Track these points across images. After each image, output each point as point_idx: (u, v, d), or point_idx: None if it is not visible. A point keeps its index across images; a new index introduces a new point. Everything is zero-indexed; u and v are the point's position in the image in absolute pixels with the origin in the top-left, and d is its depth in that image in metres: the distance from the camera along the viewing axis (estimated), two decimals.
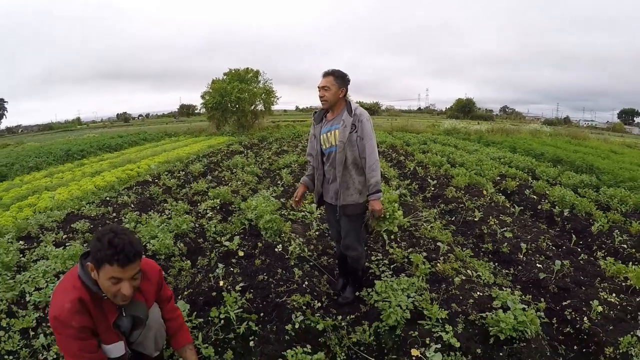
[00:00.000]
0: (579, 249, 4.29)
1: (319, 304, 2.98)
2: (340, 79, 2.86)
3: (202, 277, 3.24)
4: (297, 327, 2.55)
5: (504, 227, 4.61)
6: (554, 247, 4.22)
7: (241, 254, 3.61)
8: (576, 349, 2.70)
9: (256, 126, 23.72)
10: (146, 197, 6.50)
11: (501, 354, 2.35)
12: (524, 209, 5.81)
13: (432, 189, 6.85)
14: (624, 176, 7.91)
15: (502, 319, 2.44)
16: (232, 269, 3.28)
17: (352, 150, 2.85)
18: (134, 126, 37.69)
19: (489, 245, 4.32)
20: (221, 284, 3.03)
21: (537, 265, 3.72)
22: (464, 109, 49.36)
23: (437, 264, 3.41)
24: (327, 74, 2.87)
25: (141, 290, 1.90)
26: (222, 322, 2.58)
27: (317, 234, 4.58)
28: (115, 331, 1.82)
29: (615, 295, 3.12)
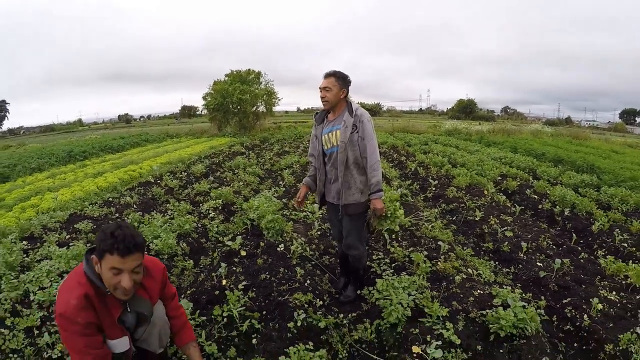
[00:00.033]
0: (580, 248, 4.30)
1: (321, 303, 3.01)
2: (341, 80, 2.89)
3: (204, 277, 3.27)
4: (299, 324, 2.58)
5: (505, 227, 4.63)
6: (554, 246, 4.23)
7: (243, 254, 3.64)
8: (576, 346, 2.72)
9: (258, 127, 23.80)
10: (148, 198, 6.53)
11: (501, 351, 2.38)
12: (524, 208, 5.83)
13: (433, 189, 6.87)
14: (625, 176, 7.93)
15: (502, 316, 2.46)
16: (234, 268, 3.31)
17: (354, 150, 2.88)
18: (136, 127, 37.72)
19: (489, 244, 4.34)
20: (224, 282, 3.05)
21: (538, 263, 3.73)
22: (466, 109, 49.31)
23: (437, 262, 3.43)
24: (328, 75, 2.89)
25: (145, 287, 1.93)
26: (225, 320, 2.61)
27: (318, 233, 4.60)
28: (119, 326, 1.85)
29: (615, 293, 3.12)
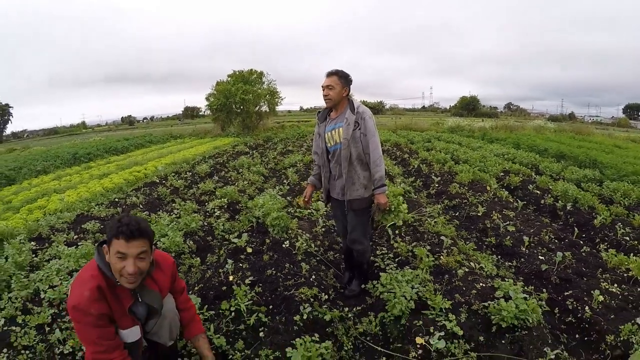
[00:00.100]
0: (582, 242, 4.33)
1: (326, 297, 3.07)
2: (343, 78, 2.95)
3: (212, 273, 3.33)
4: (305, 318, 2.64)
5: (507, 221, 4.66)
6: (556, 240, 4.26)
7: (249, 250, 3.70)
8: (578, 337, 2.76)
9: (261, 127, 23.83)
10: (154, 198, 6.60)
11: (503, 342, 2.43)
12: (527, 203, 5.85)
13: (436, 185, 6.91)
14: (628, 170, 7.92)
15: (504, 308, 2.51)
16: (241, 265, 3.37)
17: (356, 146, 2.94)
18: (139, 129, 37.87)
19: (492, 238, 4.38)
20: (231, 278, 3.11)
21: (540, 257, 3.76)
22: (468, 106, 49.21)
23: (440, 257, 3.48)
24: (331, 73, 2.96)
25: (155, 280, 1.99)
26: (232, 315, 2.67)
27: (323, 230, 4.66)
28: (130, 316, 1.91)
29: (616, 285, 3.15)
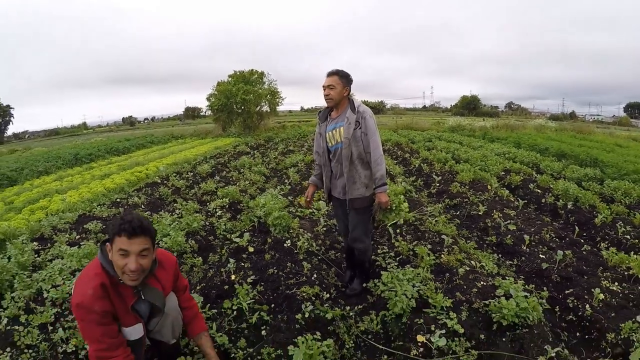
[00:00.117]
0: (582, 240, 4.33)
1: (328, 295, 3.08)
2: (344, 78, 2.97)
3: (214, 272, 3.35)
4: (307, 316, 2.65)
5: (508, 220, 4.67)
6: (557, 239, 4.27)
7: (251, 250, 3.71)
8: (578, 335, 2.77)
9: (262, 127, 23.88)
10: (156, 198, 6.62)
11: (504, 340, 2.44)
12: (528, 202, 5.86)
13: (437, 184, 6.92)
14: (629, 169, 7.92)
15: (504, 306, 2.52)
16: (242, 264, 3.38)
17: (357, 145, 2.96)
18: (140, 129, 37.92)
19: (492, 237, 4.39)
20: (233, 277, 3.13)
21: (540, 256, 3.77)
22: (469, 105, 49.19)
23: (441, 255, 3.49)
24: (332, 73, 2.98)
25: (158, 278, 2.01)
26: (234, 313, 2.69)
27: (324, 229, 4.68)
28: (133, 314, 1.93)
29: (617, 283, 3.15)
